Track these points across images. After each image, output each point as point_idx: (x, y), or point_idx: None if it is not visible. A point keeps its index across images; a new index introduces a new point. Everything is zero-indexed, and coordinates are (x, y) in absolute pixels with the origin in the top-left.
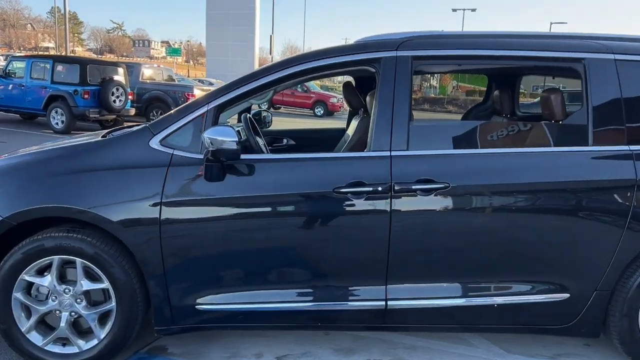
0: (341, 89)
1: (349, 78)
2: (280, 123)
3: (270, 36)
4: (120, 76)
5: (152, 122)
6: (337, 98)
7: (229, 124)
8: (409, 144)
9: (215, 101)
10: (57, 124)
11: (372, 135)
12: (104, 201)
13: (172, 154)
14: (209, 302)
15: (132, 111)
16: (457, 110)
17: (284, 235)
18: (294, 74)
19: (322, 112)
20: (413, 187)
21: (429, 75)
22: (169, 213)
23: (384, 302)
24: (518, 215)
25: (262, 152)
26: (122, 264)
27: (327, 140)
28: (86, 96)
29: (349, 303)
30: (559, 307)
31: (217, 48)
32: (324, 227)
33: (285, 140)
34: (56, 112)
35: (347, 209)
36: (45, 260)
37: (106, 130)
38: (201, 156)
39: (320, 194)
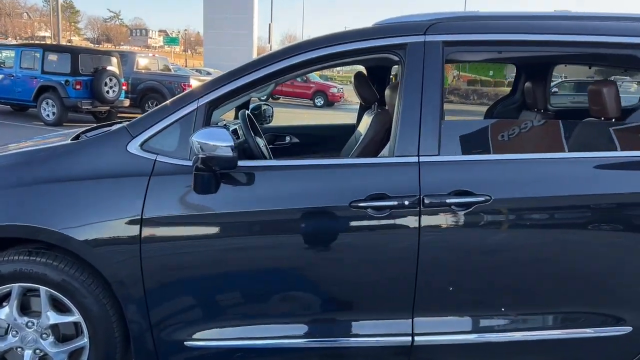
0: (341, 79)
1: (360, 67)
2: (280, 115)
3: (269, 25)
4: (113, 66)
5: (130, 121)
6: (338, 88)
7: (225, 123)
8: (440, 147)
9: (207, 96)
10: (48, 115)
11: (395, 136)
12: (72, 218)
13: (155, 160)
14: (200, 338)
15: (127, 102)
16: (459, 100)
17: (290, 259)
18: (301, 63)
19: (322, 102)
20: (447, 200)
21: None
22: (152, 232)
23: (409, 338)
24: (574, 234)
25: (263, 156)
26: (96, 292)
27: (335, 138)
28: (78, 87)
29: (369, 339)
30: (618, 342)
31: (214, 37)
32: (339, 248)
33: (288, 138)
34: (47, 103)
35: (367, 226)
36: (2, 289)
37: (79, 130)
38: (190, 163)
39: (334, 209)
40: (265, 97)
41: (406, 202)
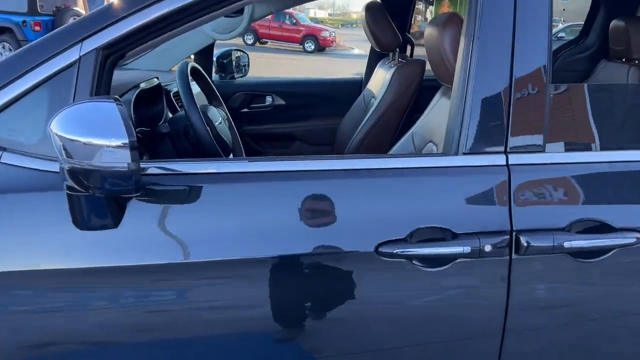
0: (332, 22)
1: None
2: (263, 61)
3: None
4: (78, 5)
5: None
6: (329, 32)
7: (159, 82)
8: (547, 136)
9: (98, 36)
10: None
11: (461, 118)
12: None
13: None
14: None
15: None
16: None
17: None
18: None
19: (312, 47)
20: (565, 243)
21: (423, 6)
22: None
23: None
24: None
25: (219, 145)
26: None
27: (335, 99)
28: (37, 28)
29: None
30: None
31: None
32: (356, 331)
33: (269, 99)
34: (3, 47)
35: (409, 290)
36: None
37: None
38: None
39: (347, 259)
40: (251, 38)
41: (486, 248)
